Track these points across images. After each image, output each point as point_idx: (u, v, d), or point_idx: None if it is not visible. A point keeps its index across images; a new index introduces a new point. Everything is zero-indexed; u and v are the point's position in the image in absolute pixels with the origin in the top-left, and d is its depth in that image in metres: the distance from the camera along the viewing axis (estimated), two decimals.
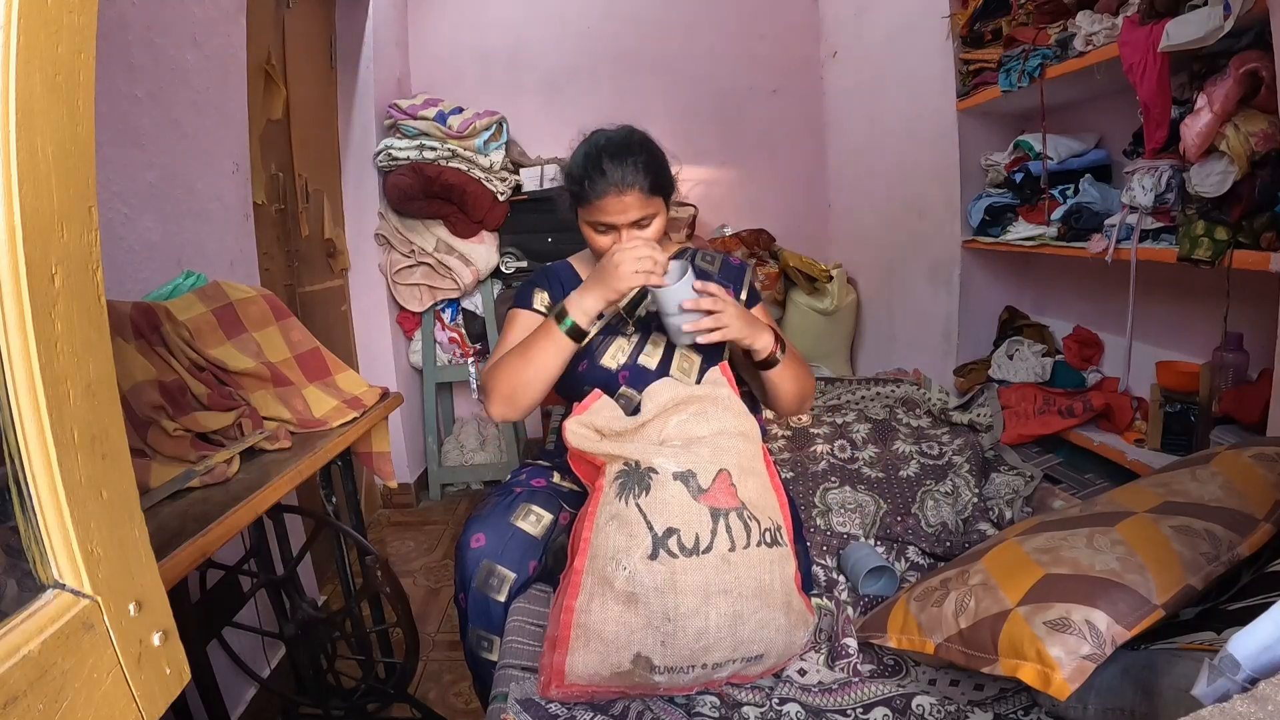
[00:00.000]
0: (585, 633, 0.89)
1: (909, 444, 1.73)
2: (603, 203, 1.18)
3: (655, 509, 0.92)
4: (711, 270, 1.36)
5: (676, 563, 0.89)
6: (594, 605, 0.90)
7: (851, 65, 3.01)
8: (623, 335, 1.29)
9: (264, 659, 1.63)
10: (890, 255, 2.80)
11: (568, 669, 0.89)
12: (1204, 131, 1.30)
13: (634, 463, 0.97)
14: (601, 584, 0.91)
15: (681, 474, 0.95)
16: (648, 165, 1.18)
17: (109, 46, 1.21)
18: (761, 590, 0.92)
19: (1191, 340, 1.75)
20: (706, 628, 0.88)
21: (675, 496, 0.93)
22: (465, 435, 3.06)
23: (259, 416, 1.14)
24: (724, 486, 0.96)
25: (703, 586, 0.89)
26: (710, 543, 0.91)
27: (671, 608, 0.88)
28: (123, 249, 1.25)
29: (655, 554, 0.90)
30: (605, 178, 1.17)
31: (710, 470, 0.97)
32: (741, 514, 0.95)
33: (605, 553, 0.92)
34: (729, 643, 0.90)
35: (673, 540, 0.91)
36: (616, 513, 0.94)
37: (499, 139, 2.73)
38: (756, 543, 0.94)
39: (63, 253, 0.40)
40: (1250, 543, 0.84)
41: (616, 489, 0.96)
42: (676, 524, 0.91)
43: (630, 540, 0.91)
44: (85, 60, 0.40)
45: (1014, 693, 0.92)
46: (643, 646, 0.88)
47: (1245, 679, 0.48)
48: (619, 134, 1.24)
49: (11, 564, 0.40)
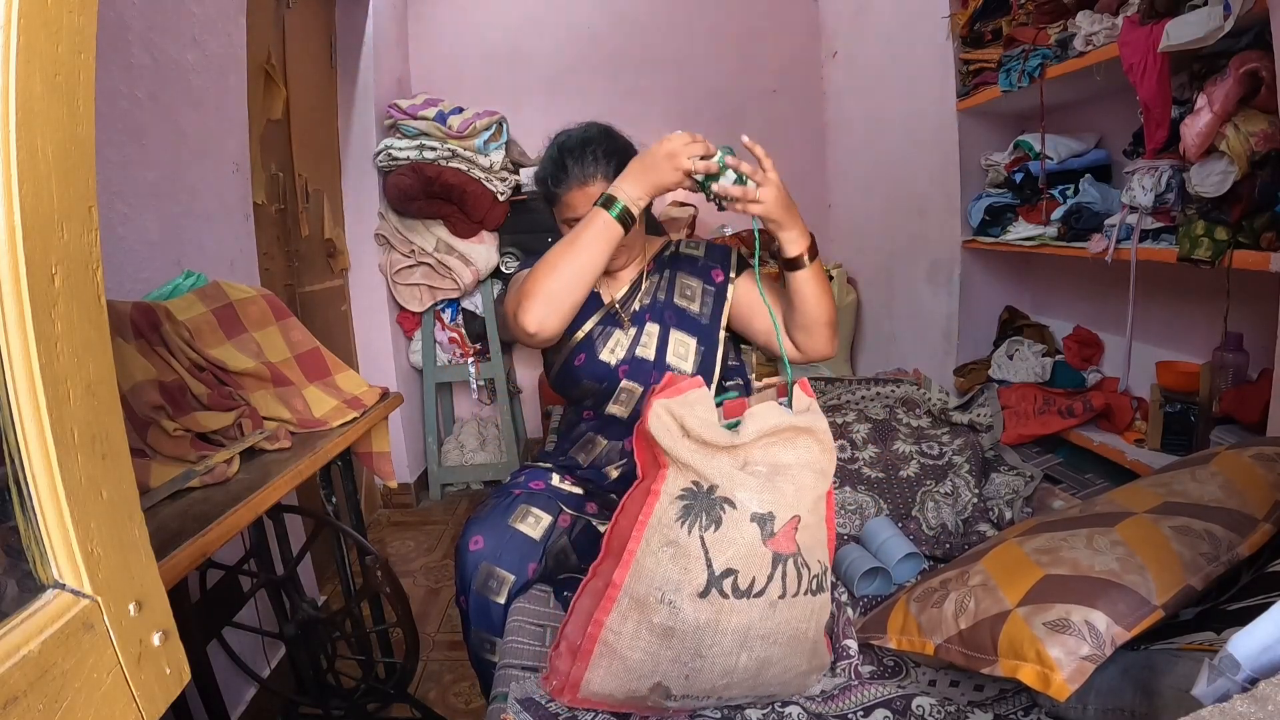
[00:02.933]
0: (610, 652, 0.85)
1: (909, 444, 1.73)
2: (569, 198, 1.22)
3: (720, 546, 0.84)
4: (698, 255, 1.38)
5: (725, 603, 0.83)
6: (626, 628, 0.85)
7: (851, 65, 3.01)
8: (619, 329, 1.30)
9: (264, 659, 1.63)
10: (890, 255, 2.80)
11: (584, 683, 0.86)
12: (1204, 131, 1.30)
13: (708, 486, 0.86)
14: (639, 608, 0.84)
15: (760, 515, 0.85)
16: (608, 152, 1.22)
17: (109, 46, 1.21)
18: (796, 638, 0.88)
19: (1191, 340, 1.75)
20: (734, 667, 0.85)
21: (745, 538, 0.84)
22: (465, 435, 3.06)
23: (259, 416, 1.14)
24: (789, 531, 0.87)
25: (744, 629, 0.84)
26: (764, 587, 0.85)
27: (706, 646, 0.83)
28: (123, 249, 1.25)
29: (707, 593, 0.83)
30: (568, 174, 1.21)
31: (787, 513, 0.87)
32: (796, 560, 0.87)
33: (652, 580, 0.84)
34: (749, 684, 0.88)
35: (728, 581, 0.83)
36: (675, 539, 0.84)
37: (499, 139, 2.73)
38: (804, 590, 0.88)
39: (63, 253, 0.40)
40: (1250, 543, 0.84)
41: (679, 510, 0.86)
42: (738, 566, 0.84)
43: (684, 575, 0.83)
44: (85, 60, 0.40)
45: (1014, 693, 0.92)
46: (665, 678, 0.84)
47: (1245, 679, 0.48)
48: (578, 131, 1.27)
49: (11, 564, 0.40)
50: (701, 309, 1.32)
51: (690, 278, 1.34)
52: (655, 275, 1.35)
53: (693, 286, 1.34)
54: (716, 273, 1.35)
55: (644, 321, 1.30)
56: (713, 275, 1.35)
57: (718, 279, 1.34)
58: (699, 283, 1.34)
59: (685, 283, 1.34)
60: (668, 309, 1.31)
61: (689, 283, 1.34)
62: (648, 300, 1.32)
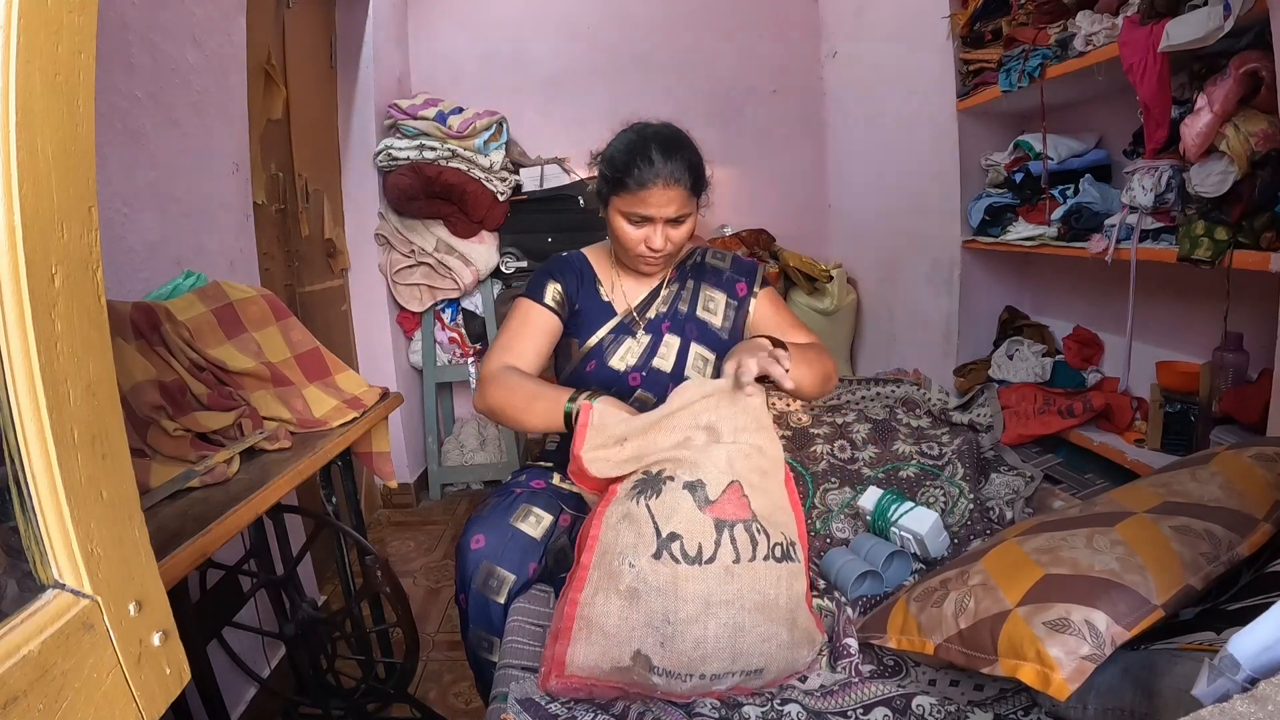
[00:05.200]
0: (587, 625, 0.89)
1: (909, 444, 1.73)
2: (647, 193, 1.16)
3: (663, 512, 0.92)
4: (723, 267, 1.36)
5: (679, 568, 0.89)
6: (598, 599, 0.90)
7: (851, 65, 3.01)
8: (632, 336, 1.29)
9: (264, 659, 1.63)
10: (890, 255, 2.80)
11: (568, 660, 0.89)
12: (1204, 131, 1.30)
13: (656, 470, 0.96)
14: (608, 578, 0.91)
15: (691, 484, 0.94)
16: (693, 164, 1.19)
17: (109, 46, 1.21)
18: (765, 604, 0.91)
19: (1191, 340, 1.75)
20: (705, 637, 0.88)
21: (682, 505, 0.93)
22: (465, 435, 3.06)
23: (259, 416, 1.14)
24: (734, 498, 0.94)
25: (704, 596, 0.89)
26: (714, 554, 0.91)
27: (672, 611, 0.88)
28: (123, 249, 1.25)
29: (659, 555, 0.90)
30: (653, 168, 1.14)
31: (721, 481, 0.95)
32: (750, 526, 0.93)
33: (615, 549, 0.92)
34: (727, 654, 0.89)
35: (675, 545, 0.90)
36: (628, 512, 0.94)
37: (499, 139, 2.73)
38: (764, 556, 0.93)
39: (63, 253, 0.40)
40: (1250, 543, 0.84)
41: (631, 490, 0.96)
42: (681, 531, 0.91)
43: (639, 538, 0.91)
44: (85, 60, 0.40)
45: (1014, 693, 0.92)
46: (643, 644, 0.88)
47: (1245, 679, 0.48)
48: (667, 128, 1.23)
49: (11, 564, 0.40)
50: (724, 322, 1.32)
51: (714, 290, 1.34)
52: (675, 284, 1.34)
53: (716, 299, 1.33)
54: (740, 286, 1.34)
55: (660, 330, 1.29)
56: (737, 289, 1.34)
57: (741, 292, 1.34)
58: (723, 296, 1.33)
59: (709, 295, 1.33)
60: (690, 321, 1.30)
61: (713, 295, 1.33)
62: (665, 308, 1.32)
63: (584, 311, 1.31)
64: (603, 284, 1.33)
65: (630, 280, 1.33)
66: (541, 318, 1.29)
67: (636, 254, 1.24)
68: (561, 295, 1.31)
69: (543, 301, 1.29)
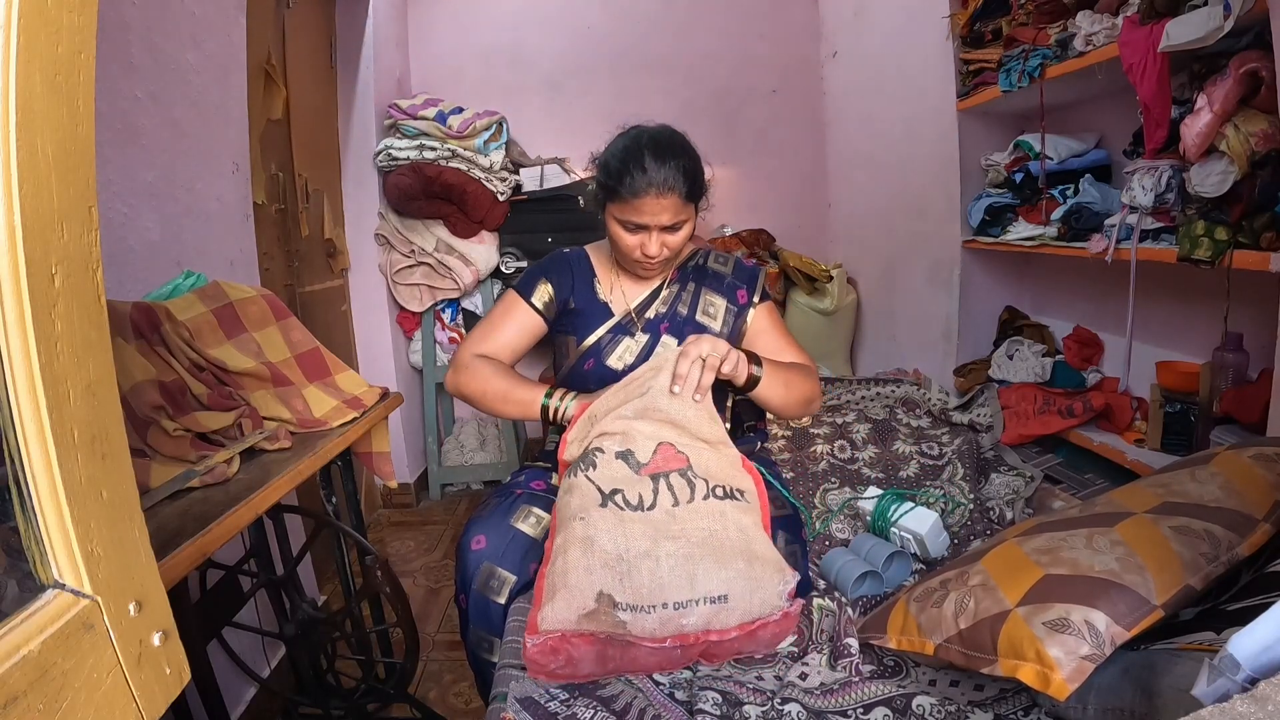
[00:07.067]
0: (553, 586, 0.94)
1: (909, 444, 1.73)
2: (640, 202, 1.15)
3: (602, 478, 1.02)
4: (725, 272, 1.36)
5: (624, 513, 0.97)
6: (559, 561, 0.96)
7: (851, 65, 3.01)
8: (630, 336, 1.29)
9: (264, 659, 1.63)
10: (890, 255, 2.80)
11: (540, 619, 0.92)
12: (1204, 131, 1.30)
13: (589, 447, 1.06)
14: (565, 541, 0.97)
15: (622, 453, 1.03)
16: (688, 170, 1.17)
17: (109, 46, 1.21)
18: (711, 536, 0.97)
19: (1191, 340, 1.75)
20: (659, 568, 0.93)
21: (618, 471, 1.02)
22: (465, 435, 3.06)
23: (259, 416, 1.14)
24: (668, 454, 1.03)
25: (651, 534, 0.96)
26: (654, 501, 0.99)
27: (624, 549, 0.94)
28: (123, 249, 1.25)
29: (605, 504, 0.98)
30: (646, 176, 1.14)
31: (648, 446, 1.03)
32: (685, 473, 1.02)
33: (566, 514, 1.00)
34: (684, 580, 0.92)
35: (618, 497, 0.99)
36: (571, 484, 1.03)
37: (499, 139, 2.73)
38: (704, 496, 1.00)
39: (63, 253, 0.40)
40: (1250, 543, 0.84)
41: (571, 469, 1.06)
42: (621, 487, 1.00)
43: (585, 499, 1.00)
44: (85, 60, 0.40)
45: (1014, 693, 0.92)
46: (604, 584, 0.92)
47: (1245, 679, 0.48)
48: (662, 133, 1.21)
49: (11, 564, 0.40)
50: (722, 328, 1.31)
51: (715, 295, 1.33)
52: (676, 285, 1.34)
53: (716, 304, 1.33)
54: (742, 294, 1.34)
55: (659, 331, 1.29)
56: (738, 295, 1.34)
57: (742, 300, 1.34)
58: (724, 301, 1.33)
59: (710, 299, 1.33)
60: (689, 325, 1.30)
61: (713, 300, 1.33)
62: (664, 309, 1.31)
63: (581, 311, 1.31)
64: (602, 283, 1.33)
65: (630, 280, 1.33)
66: (525, 316, 1.30)
67: (633, 260, 1.24)
68: (551, 297, 1.31)
69: (530, 300, 1.31)
